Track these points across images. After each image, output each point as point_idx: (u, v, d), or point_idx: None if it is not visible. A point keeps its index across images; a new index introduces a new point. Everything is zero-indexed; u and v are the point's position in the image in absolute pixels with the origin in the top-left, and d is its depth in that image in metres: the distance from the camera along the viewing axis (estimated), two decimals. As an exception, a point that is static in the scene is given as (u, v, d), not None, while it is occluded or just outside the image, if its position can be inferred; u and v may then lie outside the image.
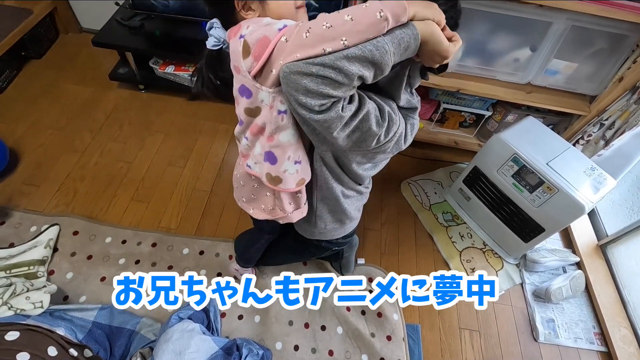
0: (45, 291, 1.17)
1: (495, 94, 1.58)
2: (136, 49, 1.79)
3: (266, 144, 0.75)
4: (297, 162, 0.78)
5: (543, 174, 1.33)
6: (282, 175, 0.79)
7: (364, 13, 0.56)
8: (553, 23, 1.37)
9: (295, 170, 0.79)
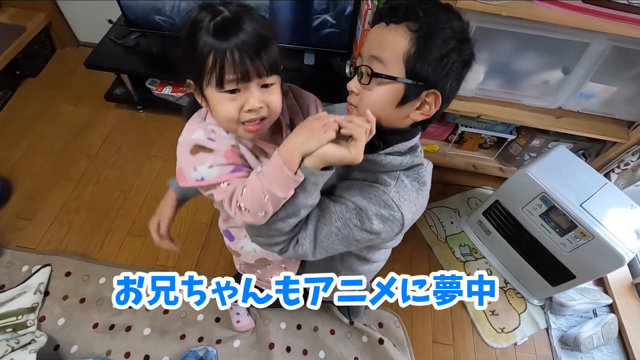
0: (32, 350, 1.10)
1: (521, 120, 1.42)
2: (131, 70, 1.68)
3: (222, 223, 0.82)
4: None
5: (576, 217, 1.18)
6: (240, 250, 0.87)
7: (254, 197, 0.60)
8: (591, 44, 1.21)
9: (253, 249, 0.84)
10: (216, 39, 0.54)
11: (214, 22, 0.54)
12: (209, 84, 0.56)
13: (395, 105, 0.63)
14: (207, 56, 0.54)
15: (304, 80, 1.70)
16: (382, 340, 1.32)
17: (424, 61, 0.58)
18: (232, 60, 0.54)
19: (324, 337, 1.33)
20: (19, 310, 1.24)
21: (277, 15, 1.56)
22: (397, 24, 0.59)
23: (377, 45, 0.61)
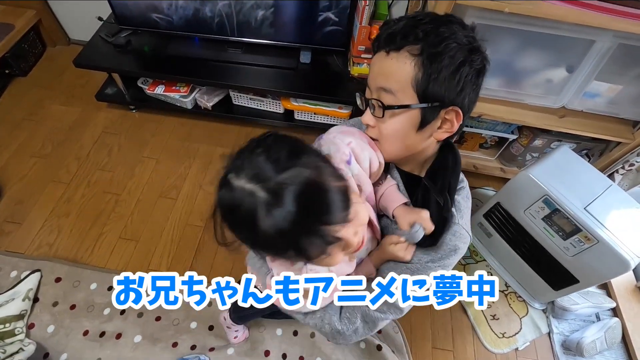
0: (19, 359, 1.06)
1: (523, 120, 1.38)
2: (122, 70, 1.63)
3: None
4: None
5: (580, 220, 1.14)
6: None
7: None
8: (596, 41, 1.16)
9: None
10: (272, 223, 0.47)
11: (265, 206, 0.47)
12: (298, 257, 0.54)
13: (416, 131, 0.61)
14: (284, 246, 0.51)
15: (301, 78, 1.66)
16: (380, 346, 1.29)
17: (434, 82, 0.56)
18: (309, 245, 0.51)
19: (321, 343, 1.29)
20: (7, 318, 1.20)
21: (281, 12, 1.51)
22: (397, 51, 0.57)
23: (382, 76, 0.59)
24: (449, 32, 0.55)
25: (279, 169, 0.46)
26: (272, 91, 1.67)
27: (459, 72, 0.56)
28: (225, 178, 0.49)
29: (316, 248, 0.50)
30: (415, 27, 0.56)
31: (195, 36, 1.66)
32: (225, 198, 0.49)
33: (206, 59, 1.67)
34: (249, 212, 0.46)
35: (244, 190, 0.47)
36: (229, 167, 0.50)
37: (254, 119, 1.80)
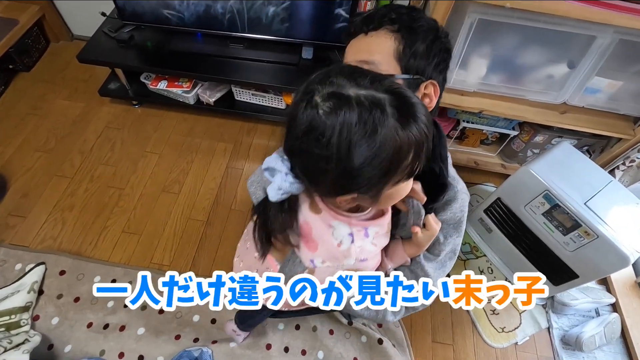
0: (25, 350, 1.08)
1: (524, 115, 1.39)
2: (125, 65, 1.64)
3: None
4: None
5: (580, 216, 1.15)
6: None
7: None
8: (597, 37, 1.17)
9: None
10: (410, 129, 0.46)
11: (396, 112, 0.45)
12: (398, 181, 0.51)
13: None
14: (407, 153, 0.47)
15: (302, 74, 1.66)
16: (381, 340, 1.30)
17: (414, 54, 0.63)
18: (427, 142, 0.49)
19: (323, 337, 1.30)
20: (13, 310, 1.22)
21: (293, 9, 1.52)
22: (376, 30, 0.64)
23: (365, 52, 0.64)
24: (418, 15, 0.65)
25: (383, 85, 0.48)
26: (274, 87, 1.67)
27: (433, 46, 0.63)
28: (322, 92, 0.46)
29: (404, 173, 0.50)
30: (389, 12, 0.64)
31: (198, 32, 1.67)
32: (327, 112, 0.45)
33: (209, 55, 1.68)
34: (373, 123, 0.44)
35: (360, 98, 0.44)
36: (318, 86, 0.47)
37: (256, 115, 1.81)
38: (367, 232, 0.61)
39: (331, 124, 0.44)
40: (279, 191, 0.53)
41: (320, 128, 0.45)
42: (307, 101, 0.46)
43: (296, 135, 0.47)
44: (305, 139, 0.46)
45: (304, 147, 0.47)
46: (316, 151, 0.46)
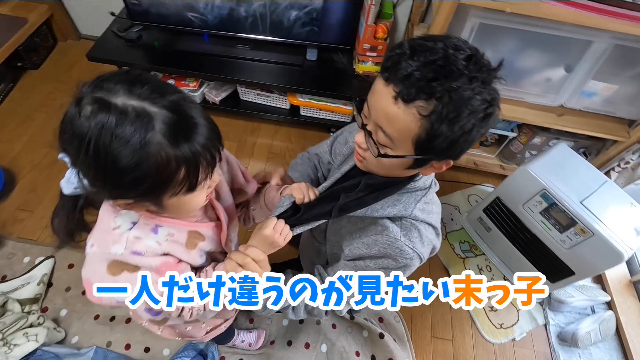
0: (45, 326, 1.12)
1: (522, 117, 1.43)
2: (133, 64, 1.68)
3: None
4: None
5: (576, 214, 1.19)
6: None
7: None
8: (594, 42, 1.21)
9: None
10: (180, 148, 0.45)
11: (166, 129, 0.44)
12: (176, 193, 0.50)
13: (403, 169, 0.62)
14: (175, 170, 0.47)
15: (307, 75, 1.70)
16: (382, 334, 1.33)
17: (435, 143, 0.53)
18: (205, 162, 0.49)
19: (326, 330, 1.33)
20: (23, 301, 1.25)
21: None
22: (406, 103, 0.51)
23: (385, 120, 0.55)
24: (467, 95, 0.49)
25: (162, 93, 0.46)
26: (279, 87, 1.71)
27: (463, 137, 0.53)
28: (94, 98, 0.44)
29: (204, 173, 0.50)
30: (433, 80, 0.49)
31: (205, 32, 1.71)
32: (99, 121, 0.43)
33: (215, 55, 1.72)
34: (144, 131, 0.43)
35: (126, 107, 0.43)
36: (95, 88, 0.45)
37: (260, 114, 1.84)
38: (156, 229, 0.57)
39: (87, 127, 0.43)
40: (70, 185, 0.52)
41: (77, 130, 0.44)
42: (75, 103, 0.45)
43: (62, 135, 0.47)
44: (68, 140, 0.46)
45: (69, 147, 0.47)
46: (76, 152, 0.45)
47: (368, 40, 1.60)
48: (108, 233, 0.55)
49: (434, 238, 0.71)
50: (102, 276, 0.54)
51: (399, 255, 0.67)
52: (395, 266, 0.69)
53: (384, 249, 0.68)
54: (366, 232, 0.71)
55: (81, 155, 0.44)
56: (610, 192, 1.24)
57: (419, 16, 1.60)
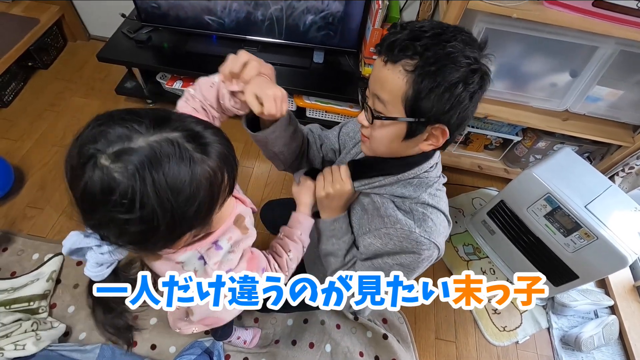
0: (40, 337, 1.13)
1: (528, 122, 1.44)
2: (142, 64, 1.70)
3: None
4: None
5: (580, 218, 1.19)
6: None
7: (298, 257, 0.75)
8: (599, 47, 1.22)
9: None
10: (213, 157, 0.46)
11: (195, 146, 0.44)
12: (223, 202, 0.52)
13: (401, 140, 0.63)
14: (222, 179, 0.48)
15: (313, 77, 1.72)
16: (386, 335, 1.34)
17: (423, 100, 0.55)
18: (234, 159, 0.51)
19: (331, 330, 1.35)
20: (32, 297, 1.27)
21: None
22: (394, 63, 0.55)
23: (378, 85, 0.59)
24: (449, 50, 0.52)
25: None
26: (286, 88, 1.71)
27: (450, 92, 0.54)
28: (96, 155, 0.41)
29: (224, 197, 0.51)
30: (416, 40, 0.53)
31: (214, 34, 1.73)
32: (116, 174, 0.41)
33: (223, 57, 1.72)
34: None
35: (153, 145, 0.42)
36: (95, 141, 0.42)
37: (267, 116, 1.86)
38: (217, 245, 0.58)
39: (133, 183, 0.40)
40: (101, 268, 0.49)
41: (122, 192, 0.41)
42: (92, 167, 0.41)
43: (93, 207, 0.43)
44: (109, 208, 0.42)
45: (113, 216, 0.42)
46: (126, 216, 0.42)
47: (375, 44, 1.60)
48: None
49: (446, 226, 0.71)
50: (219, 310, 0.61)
51: (416, 248, 0.66)
52: (415, 261, 0.68)
53: (399, 242, 0.67)
54: (374, 222, 0.72)
55: (133, 218, 0.42)
56: (615, 197, 1.24)
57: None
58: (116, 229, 0.44)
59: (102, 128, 0.42)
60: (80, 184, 0.42)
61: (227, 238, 0.60)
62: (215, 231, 0.58)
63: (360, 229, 0.76)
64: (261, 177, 1.77)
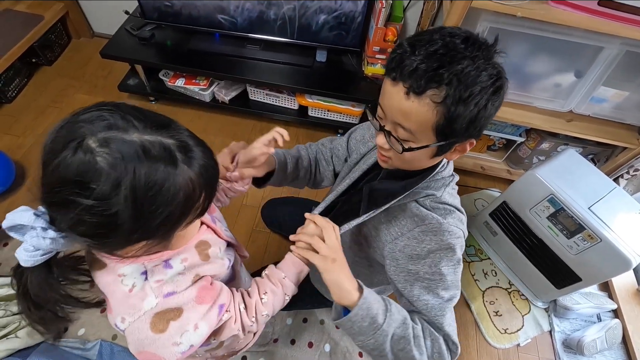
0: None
1: (531, 122, 1.43)
2: (145, 61, 1.70)
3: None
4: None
5: (584, 219, 1.18)
6: None
7: (276, 302, 0.66)
8: (604, 48, 1.21)
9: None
10: (199, 173, 0.45)
11: (184, 158, 0.43)
12: (191, 221, 0.50)
13: (430, 158, 0.63)
14: (198, 197, 0.46)
15: (316, 76, 1.72)
16: (385, 336, 1.33)
17: (455, 124, 0.54)
18: (216, 183, 0.49)
19: (330, 330, 1.34)
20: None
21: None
22: (418, 95, 0.53)
23: (401, 116, 0.56)
24: (474, 74, 0.51)
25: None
26: (288, 87, 1.73)
27: (480, 113, 0.54)
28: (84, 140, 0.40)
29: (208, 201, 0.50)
30: (439, 69, 0.51)
31: (217, 32, 1.73)
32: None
33: (226, 55, 1.74)
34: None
35: (145, 144, 0.41)
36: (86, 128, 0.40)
37: (269, 114, 1.86)
38: (168, 264, 0.53)
39: (114, 173, 0.39)
40: (36, 253, 0.44)
41: (100, 179, 0.39)
42: (77, 145, 0.39)
43: (60, 186, 0.40)
44: (75, 191, 0.39)
45: (78, 200, 0.39)
46: (92, 204, 0.39)
47: (378, 43, 1.61)
48: (129, 296, 0.50)
49: (464, 225, 0.71)
50: (152, 341, 0.50)
51: (450, 238, 0.65)
52: (450, 258, 0.66)
53: (433, 235, 0.66)
54: (405, 223, 0.70)
55: (98, 209, 0.40)
56: (619, 199, 1.23)
57: (429, 19, 1.61)
58: (75, 215, 0.41)
59: (104, 114, 0.42)
60: (58, 157, 0.40)
61: (181, 258, 0.55)
62: (171, 250, 0.55)
63: (389, 235, 0.72)
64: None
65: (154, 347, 0.50)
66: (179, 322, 0.51)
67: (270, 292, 0.65)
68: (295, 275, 0.67)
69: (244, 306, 0.62)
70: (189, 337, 0.52)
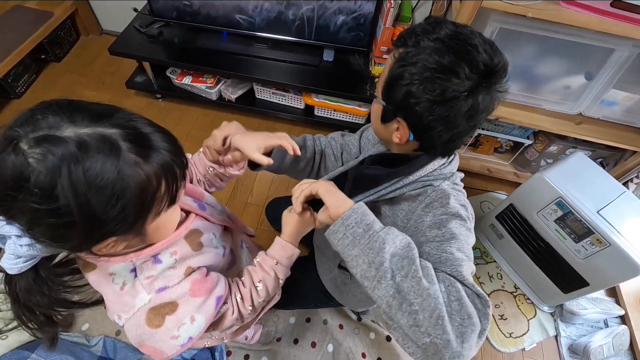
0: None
1: (539, 124, 1.41)
2: (153, 59, 1.71)
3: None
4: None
5: (592, 223, 1.16)
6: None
7: (273, 287, 0.67)
8: (615, 50, 1.20)
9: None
10: (153, 161, 0.43)
11: (132, 147, 0.42)
12: (159, 212, 0.47)
13: (380, 121, 0.67)
14: (157, 186, 0.44)
15: (323, 76, 1.71)
16: (389, 337, 1.32)
17: (393, 88, 0.60)
18: (179, 168, 0.47)
19: (333, 330, 1.33)
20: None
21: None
22: (392, 51, 0.62)
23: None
24: (429, 50, 0.55)
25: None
26: (295, 86, 1.72)
27: (414, 86, 0.56)
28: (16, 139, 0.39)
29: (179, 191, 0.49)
30: (413, 33, 0.57)
31: (224, 31, 1.73)
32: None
33: (233, 53, 1.74)
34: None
35: (82, 137, 0.39)
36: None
37: (275, 113, 1.86)
38: (157, 259, 0.53)
39: (48, 172, 0.38)
40: (18, 261, 0.44)
41: (35, 180, 0.38)
42: (12, 150, 0.38)
43: (4, 193, 0.39)
44: (17, 195, 0.39)
45: (22, 205, 0.39)
46: (38, 206, 0.39)
47: (385, 43, 1.60)
48: (121, 295, 0.51)
49: (469, 205, 0.69)
50: (150, 336, 0.50)
51: (454, 204, 0.63)
52: (459, 222, 0.61)
53: (439, 205, 0.63)
54: (408, 205, 0.69)
55: (45, 209, 0.39)
56: (629, 203, 1.21)
57: (438, 20, 1.60)
58: (27, 219, 0.41)
59: (36, 113, 0.40)
60: None
61: (170, 252, 0.54)
62: (156, 244, 0.53)
63: (397, 227, 0.64)
64: (267, 175, 1.76)
65: (152, 341, 0.51)
66: (174, 316, 0.52)
67: (264, 279, 0.66)
68: (286, 259, 0.68)
69: (240, 296, 0.64)
70: (187, 329, 0.53)
